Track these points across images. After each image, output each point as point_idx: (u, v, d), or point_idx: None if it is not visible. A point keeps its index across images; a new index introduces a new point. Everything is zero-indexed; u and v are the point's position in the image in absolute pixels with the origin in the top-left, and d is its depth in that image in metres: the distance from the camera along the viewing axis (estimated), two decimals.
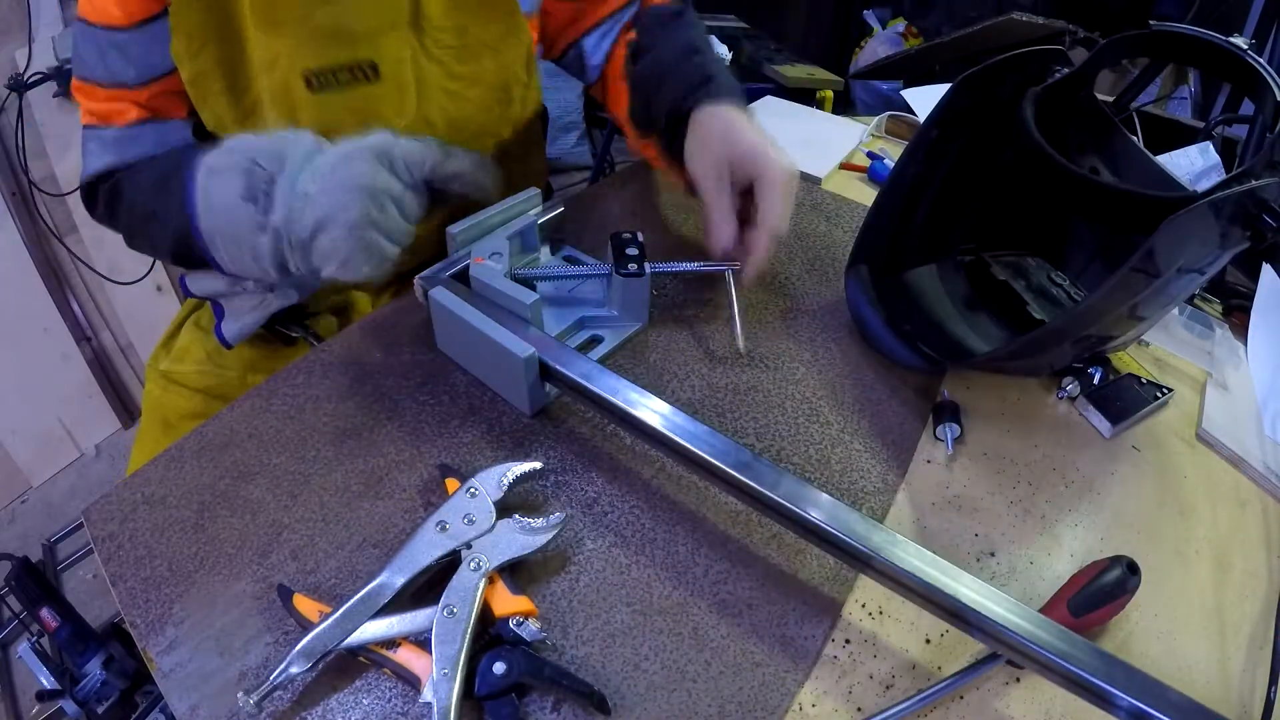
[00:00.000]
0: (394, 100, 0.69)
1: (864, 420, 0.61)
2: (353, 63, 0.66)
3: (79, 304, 1.67)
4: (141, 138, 0.67)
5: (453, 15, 0.69)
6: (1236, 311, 0.79)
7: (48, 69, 1.45)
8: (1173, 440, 0.63)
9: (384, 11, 0.66)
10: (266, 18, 0.63)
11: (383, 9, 0.65)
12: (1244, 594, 0.53)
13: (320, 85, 0.66)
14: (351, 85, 0.67)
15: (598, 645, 0.45)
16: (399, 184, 0.58)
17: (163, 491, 0.52)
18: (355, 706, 0.41)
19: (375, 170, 0.57)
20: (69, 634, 1.07)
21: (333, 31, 0.64)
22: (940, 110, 0.64)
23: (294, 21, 0.63)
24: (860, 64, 2.42)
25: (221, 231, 0.59)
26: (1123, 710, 0.38)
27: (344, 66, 0.66)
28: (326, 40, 0.64)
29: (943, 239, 0.74)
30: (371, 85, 0.67)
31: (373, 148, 0.58)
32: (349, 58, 0.66)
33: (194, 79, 0.64)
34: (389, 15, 0.66)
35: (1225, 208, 0.49)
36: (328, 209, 0.56)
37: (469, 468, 0.54)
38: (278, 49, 0.64)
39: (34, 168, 1.49)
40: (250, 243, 0.59)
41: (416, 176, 0.60)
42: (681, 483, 0.55)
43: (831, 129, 1.11)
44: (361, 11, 0.64)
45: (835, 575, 0.50)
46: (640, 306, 0.67)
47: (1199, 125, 1.00)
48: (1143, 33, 0.66)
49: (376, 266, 0.59)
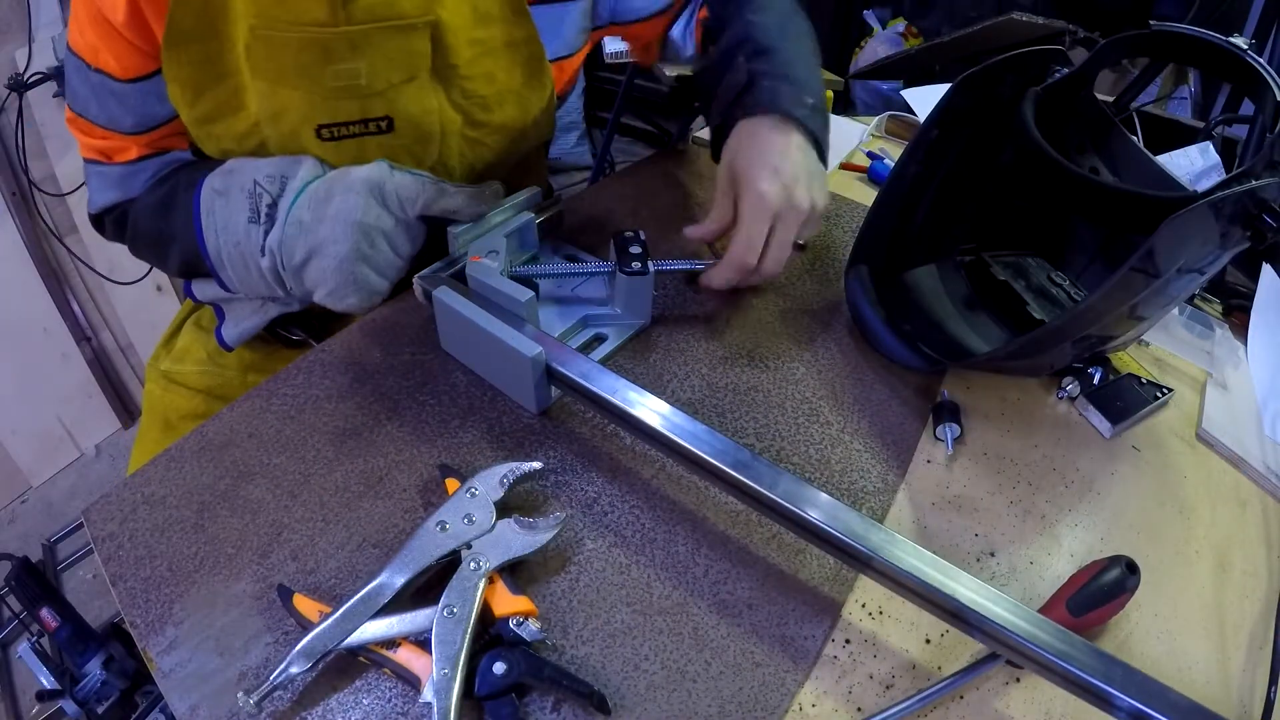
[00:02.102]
0: (414, 150, 0.66)
1: (864, 420, 0.61)
2: (364, 118, 0.62)
3: (79, 304, 1.67)
4: (144, 171, 0.66)
5: (481, 64, 0.65)
6: (1236, 311, 0.79)
7: (48, 69, 1.45)
8: (1173, 440, 0.63)
9: (399, 67, 0.61)
10: (270, 74, 0.59)
11: (396, 64, 0.60)
12: (1244, 594, 0.53)
13: (332, 136, 0.63)
14: (364, 136, 0.63)
15: (598, 645, 0.45)
16: (391, 219, 0.58)
17: (163, 491, 0.52)
18: (355, 706, 0.41)
19: (367, 205, 0.57)
20: (69, 634, 1.07)
21: (343, 90, 0.60)
22: (940, 110, 0.64)
23: (301, 79, 0.59)
24: (860, 64, 2.42)
25: (228, 252, 0.61)
26: (1122, 711, 0.38)
27: (355, 121, 0.62)
28: (336, 97, 0.60)
29: (943, 239, 0.74)
30: (385, 136, 0.64)
31: (366, 180, 0.57)
32: (360, 114, 0.62)
33: (194, 123, 0.62)
34: (405, 69, 0.61)
35: (1225, 208, 0.49)
36: (319, 239, 0.57)
37: (469, 468, 0.54)
38: (284, 102, 0.60)
39: (34, 168, 1.49)
40: (255, 263, 0.59)
41: (410, 213, 0.60)
42: (681, 483, 0.55)
43: (831, 129, 1.11)
44: (374, 68, 0.59)
45: (835, 575, 0.50)
46: (643, 305, 0.67)
47: (1199, 125, 1.00)
48: (1143, 33, 0.66)
49: (365, 299, 0.59)
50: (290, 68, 0.58)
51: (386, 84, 0.61)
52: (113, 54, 0.59)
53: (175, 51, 0.57)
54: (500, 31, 0.65)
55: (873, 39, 2.49)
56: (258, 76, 0.59)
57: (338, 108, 0.61)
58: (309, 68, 0.58)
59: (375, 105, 0.62)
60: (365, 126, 0.63)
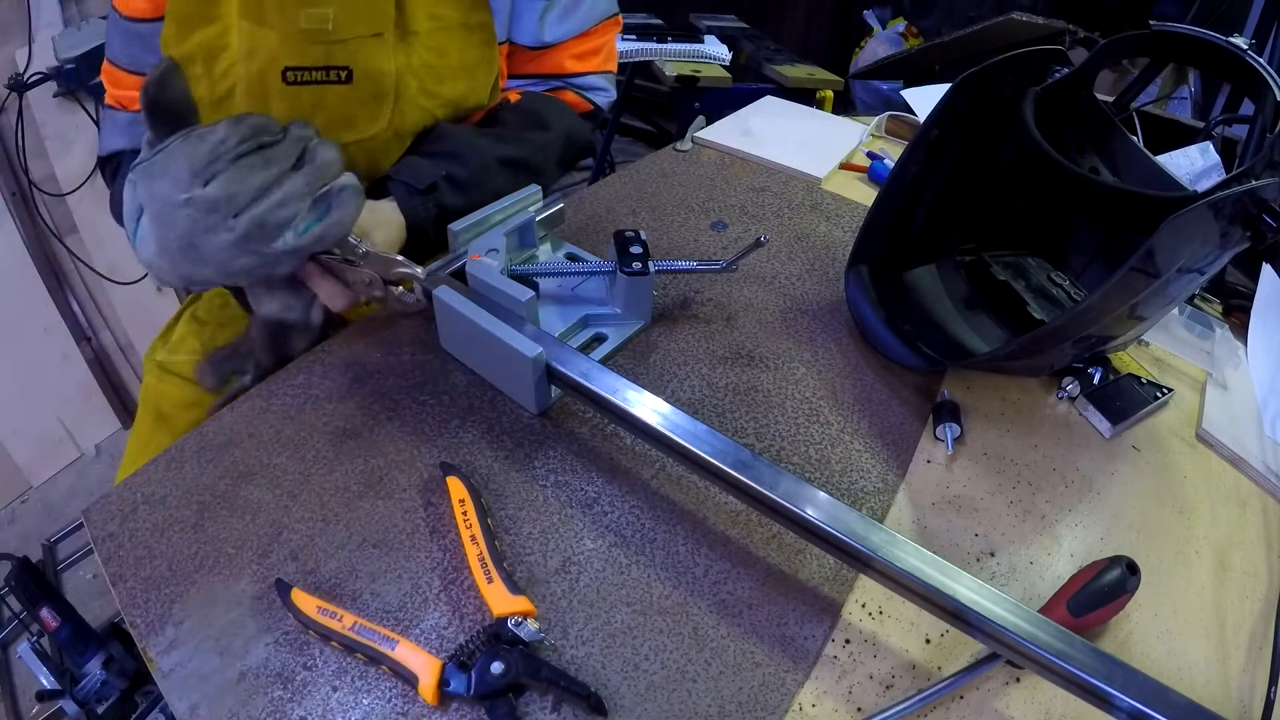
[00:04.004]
0: (369, 106, 0.70)
1: (864, 420, 0.61)
2: (327, 65, 0.68)
3: (79, 304, 1.67)
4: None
5: (437, 37, 0.71)
6: (1236, 311, 0.79)
7: (48, 69, 1.45)
8: (1172, 440, 0.63)
9: (363, 20, 0.67)
10: (254, 11, 0.65)
11: (362, 17, 0.67)
12: (1244, 594, 0.53)
13: (295, 80, 0.67)
14: (325, 84, 0.68)
15: (597, 645, 0.45)
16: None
17: (163, 491, 0.52)
18: (355, 706, 0.41)
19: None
20: (69, 634, 1.07)
21: (312, 33, 0.66)
22: (940, 110, 0.64)
23: (278, 18, 0.65)
24: (860, 64, 2.42)
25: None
26: (1122, 711, 0.38)
27: (319, 67, 0.67)
28: (306, 40, 0.66)
29: (943, 239, 0.74)
30: (344, 87, 0.69)
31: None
32: (324, 60, 0.67)
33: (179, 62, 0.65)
34: (369, 23, 0.67)
35: (1225, 208, 0.49)
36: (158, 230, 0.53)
37: (469, 467, 0.54)
38: (259, 40, 0.66)
39: (34, 168, 1.49)
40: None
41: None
42: (681, 483, 0.55)
43: (831, 129, 1.11)
44: (341, 16, 0.66)
45: (835, 575, 0.49)
46: (644, 305, 0.67)
47: (1199, 125, 1.00)
48: (1143, 33, 0.66)
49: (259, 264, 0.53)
50: (272, 6, 0.64)
51: (352, 33, 0.67)
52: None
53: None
54: (457, 13, 0.71)
55: (873, 39, 2.49)
56: (245, 17, 0.65)
57: (305, 51, 0.67)
58: (287, 7, 0.65)
59: (338, 53, 0.67)
60: (327, 74, 0.68)
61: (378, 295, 0.60)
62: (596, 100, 0.89)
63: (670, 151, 1.01)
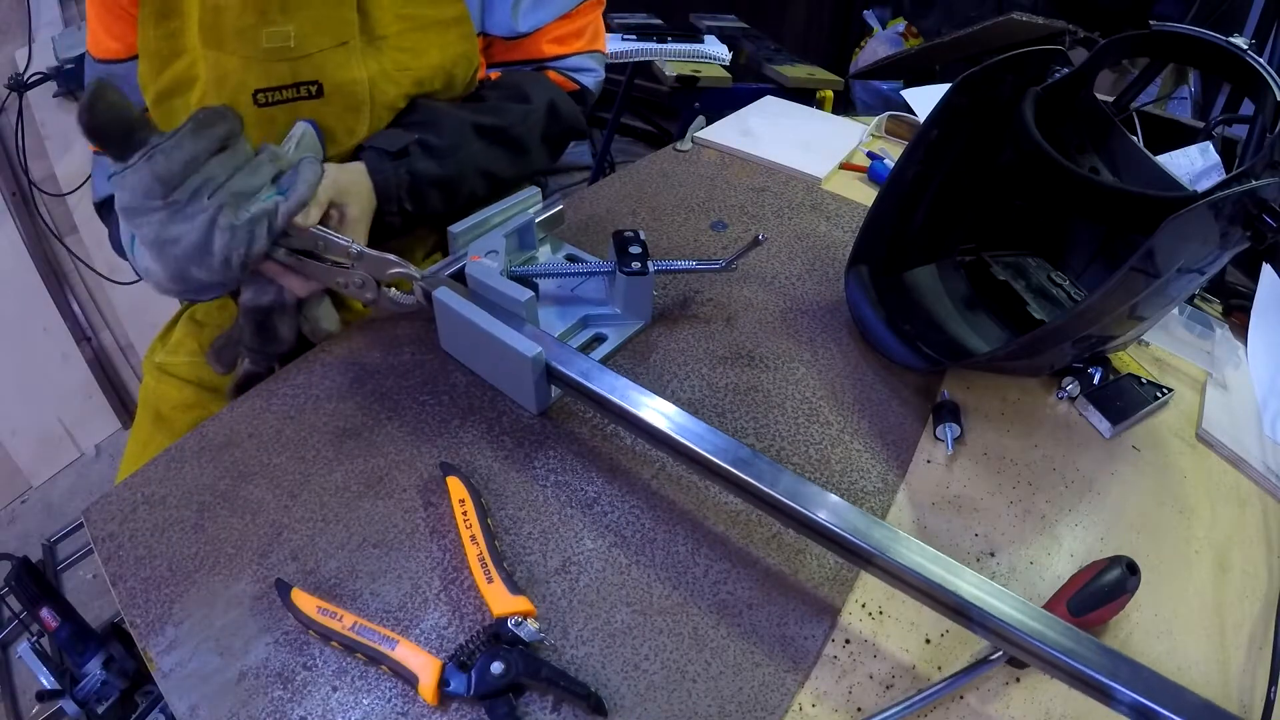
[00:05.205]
0: (345, 119, 0.70)
1: (864, 420, 0.61)
2: (295, 81, 0.67)
3: (79, 304, 1.67)
4: None
5: (409, 38, 0.70)
6: (1236, 311, 0.79)
7: (48, 69, 1.45)
8: (1172, 440, 0.63)
9: (326, 32, 0.66)
10: (212, 38, 0.64)
11: (324, 29, 0.66)
12: (1244, 594, 0.53)
13: (266, 101, 0.67)
14: (297, 101, 0.68)
15: (597, 645, 0.45)
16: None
17: (163, 491, 0.52)
18: (355, 706, 0.41)
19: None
20: (69, 634, 1.06)
21: (275, 52, 0.65)
22: (940, 110, 0.64)
23: (239, 41, 0.64)
24: (860, 64, 2.42)
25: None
26: (1127, 707, 0.38)
27: (287, 85, 0.67)
28: (269, 59, 0.65)
29: (943, 239, 0.74)
30: (316, 102, 0.68)
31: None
32: (290, 77, 0.67)
33: (155, 101, 0.67)
34: (333, 34, 0.66)
35: (1225, 208, 0.49)
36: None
37: (469, 467, 0.54)
38: (224, 67, 0.65)
39: (34, 168, 1.49)
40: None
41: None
42: (681, 483, 0.55)
43: (831, 129, 1.11)
44: (303, 31, 0.65)
45: (835, 575, 0.49)
46: (644, 305, 0.67)
47: (1199, 125, 1.00)
48: (1143, 33, 0.66)
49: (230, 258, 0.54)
50: (231, 32, 0.64)
51: (315, 48, 0.66)
52: (112, 34, 0.65)
53: (146, 29, 0.64)
54: (428, 10, 0.70)
55: (873, 39, 2.49)
56: (207, 45, 0.64)
57: (271, 70, 0.66)
58: (247, 31, 0.63)
59: (304, 69, 0.66)
60: (297, 91, 0.67)
61: (370, 298, 0.60)
62: (583, 80, 0.86)
63: (670, 151, 1.01)
